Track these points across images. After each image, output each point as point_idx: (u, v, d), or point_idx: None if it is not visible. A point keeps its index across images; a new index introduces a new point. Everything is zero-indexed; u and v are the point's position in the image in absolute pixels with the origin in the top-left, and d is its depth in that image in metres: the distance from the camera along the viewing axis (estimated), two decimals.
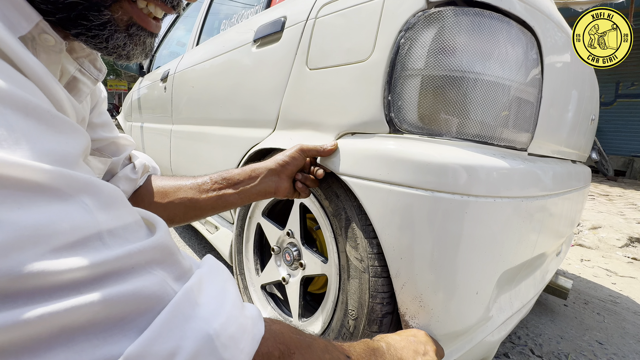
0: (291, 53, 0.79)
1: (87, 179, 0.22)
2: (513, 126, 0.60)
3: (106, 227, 0.22)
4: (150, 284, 0.22)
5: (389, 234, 0.55)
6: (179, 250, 0.27)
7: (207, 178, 0.55)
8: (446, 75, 0.54)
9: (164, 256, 0.24)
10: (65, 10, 0.28)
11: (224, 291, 0.27)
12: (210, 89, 1.21)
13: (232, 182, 0.55)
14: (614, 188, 4.44)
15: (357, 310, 0.62)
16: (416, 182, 0.52)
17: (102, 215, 0.22)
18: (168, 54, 2.15)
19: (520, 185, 0.57)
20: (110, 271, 0.20)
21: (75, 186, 0.21)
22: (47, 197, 0.19)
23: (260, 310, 0.30)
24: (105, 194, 0.23)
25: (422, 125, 0.57)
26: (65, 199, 0.20)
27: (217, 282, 0.28)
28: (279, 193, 0.58)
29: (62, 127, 0.23)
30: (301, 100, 0.76)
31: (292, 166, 0.58)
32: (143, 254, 0.23)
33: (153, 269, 0.23)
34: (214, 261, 0.31)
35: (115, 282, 0.20)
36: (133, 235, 0.24)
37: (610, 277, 1.74)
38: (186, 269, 0.26)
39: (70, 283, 0.19)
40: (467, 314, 0.56)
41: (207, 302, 0.25)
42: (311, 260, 0.76)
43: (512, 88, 0.57)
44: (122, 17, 0.31)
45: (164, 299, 0.22)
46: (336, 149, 0.59)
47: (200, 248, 1.59)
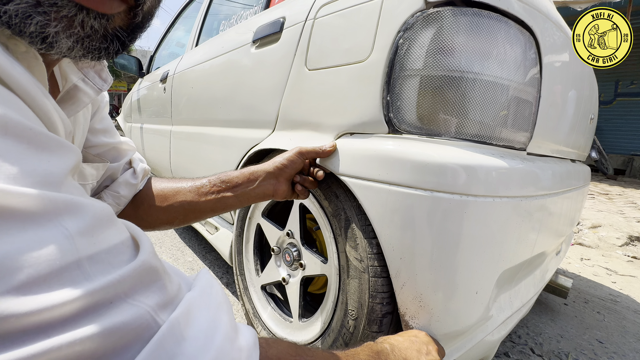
0: (290, 53, 0.79)
1: (69, 200, 0.20)
2: (512, 126, 0.60)
3: (86, 253, 0.20)
4: (131, 318, 0.20)
5: (389, 234, 0.55)
6: (165, 271, 0.24)
7: (206, 180, 0.55)
8: (445, 76, 0.54)
9: (148, 282, 0.22)
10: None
11: (214, 320, 0.25)
12: (209, 89, 1.21)
13: (231, 185, 0.55)
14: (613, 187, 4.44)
15: (357, 310, 0.62)
16: (415, 182, 0.52)
17: (83, 240, 0.20)
18: (167, 54, 2.16)
19: (519, 184, 0.57)
20: (86, 307, 0.18)
21: (55, 209, 0.19)
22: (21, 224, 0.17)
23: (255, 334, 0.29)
24: (89, 214, 0.21)
25: (421, 126, 0.57)
26: (42, 224, 0.18)
27: (208, 309, 0.25)
28: (277, 195, 0.59)
29: (45, 145, 0.21)
30: (300, 101, 0.76)
31: (290, 169, 0.58)
32: (124, 283, 0.20)
33: (135, 299, 0.21)
34: (207, 281, 0.28)
35: (91, 319, 0.18)
36: (117, 259, 0.22)
37: (610, 275, 1.74)
38: (173, 295, 0.24)
39: (38, 325, 0.16)
40: (467, 314, 0.56)
41: (195, 335, 0.23)
42: (311, 260, 0.76)
43: (511, 88, 0.57)
44: None
45: (145, 335, 0.20)
46: (335, 150, 0.60)
47: (201, 249, 1.59)
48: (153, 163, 1.96)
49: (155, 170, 1.99)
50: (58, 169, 0.21)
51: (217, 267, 1.40)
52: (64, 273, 0.18)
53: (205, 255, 1.52)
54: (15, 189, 0.18)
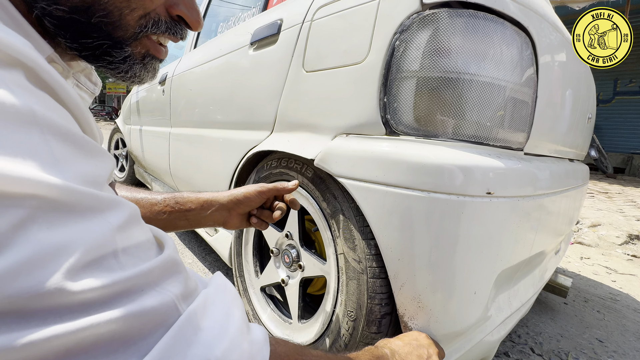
0: (288, 55, 0.80)
1: (112, 199, 0.23)
2: (509, 126, 0.60)
3: (122, 246, 0.22)
4: (159, 304, 0.22)
5: (387, 235, 0.55)
6: (185, 268, 0.27)
7: (161, 198, 0.56)
8: (441, 77, 0.54)
9: (174, 272, 0.25)
10: (92, 50, 0.31)
11: (228, 314, 0.27)
12: (208, 91, 1.21)
13: (184, 208, 0.56)
14: (613, 185, 4.44)
15: (355, 311, 0.62)
16: (412, 183, 0.52)
17: (121, 235, 0.23)
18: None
19: (517, 184, 0.58)
20: (120, 291, 0.21)
21: (101, 205, 0.22)
22: (75, 217, 0.20)
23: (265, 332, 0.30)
24: (127, 212, 0.24)
25: (418, 127, 0.57)
26: (90, 218, 0.21)
27: (223, 303, 0.27)
28: (228, 226, 0.60)
29: (94, 152, 0.24)
30: (298, 103, 0.77)
31: (245, 205, 0.59)
32: (153, 273, 0.23)
33: (163, 287, 0.23)
34: (221, 280, 0.31)
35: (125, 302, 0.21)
36: (145, 254, 0.24)
37: (610, 274, 1.74)
38: (192, 288, 0.26)
39: (81, 304, 0.19)
40: (466, 314, 0.56)
41: (211, 326, 0.24)
42: (310, 261, 0.76)
43: (507, 88, 0.57)
44: (140, 50, 0.34)
45: (168, 320, 0.23)
46: (296, 188, 0.60)
47: (200, 250, 1.59)
48: (152, 165, 1.96)
49: (154, 172, 1.99)
50: (103, 171, 0.25)
51: (217, 268, 1.40)
52: (103, 261, 0.21)
53: (204, 257, 1.52)
54: (73, 187, 0.20)
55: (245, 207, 0.59)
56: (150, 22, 0.32)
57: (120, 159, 2.84)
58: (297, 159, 0.75)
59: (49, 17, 0.28)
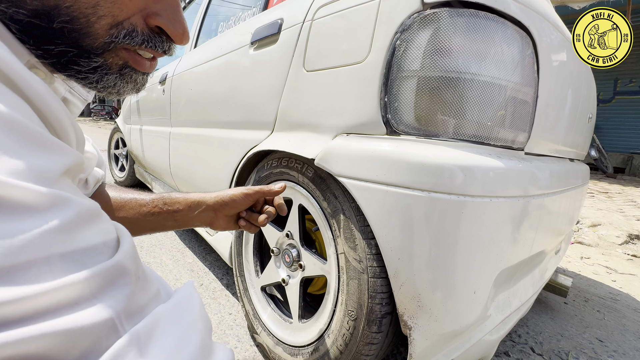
0: (288, 55, 0.80)
1: (57, 195, 0.20)
2: (509, 126, 0.60)
3: (60, 251, 0.19)
4: (90, 323, 0.18)
5: (387, 235, 0.55)
6: (142, 277, 0.23)
7: (150, 199, 0.55)
8: (442, 76, 0.54)
9: (117, 285, 0.21)
10: (56, 57, 0.29)
11: (183, 340, 0.23)
12: (208, 91, 1.21)
13: (172, 209, 0.55)
14: (613, 185, 4.44)
15: (356, 310, 0.62)
16: (413, 183, 0.52)
17: (60, 237, 0.19)
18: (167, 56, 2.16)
19: (517, 184, 0.58)
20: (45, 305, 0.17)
21: (42, 203, 0.19)
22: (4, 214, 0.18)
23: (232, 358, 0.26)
24: (74, 212, 0.21)
25: (419, 126, 0.57)
26: (23, 216, 0.18)
27: (179, 325, 0.23)
28: (214, 227, 0.59)
29: (47, 144, 0.22)
30: (299, 102, 0.77)
31: (231, 207, 0.58)
32: (91, 283, 0.19)
33: (101, 301, 0.20)
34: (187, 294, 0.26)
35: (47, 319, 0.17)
36: (93, 259, 0.21)
37: (610, 274, 1.74)
38: (140, 304, 0.22)
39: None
40: (465, 313, 0.56)
41: (155, 354, 0.20)
42: (310, 261, 0.76)
43: (508, 88, 0.57)
44: (117, 61, 0.32)
45: (101, 344, 0.19)
46: (283, 191, 0.59)
47: (201, 250, 1.59)
48: (153, 165, 1.96)
49: (155, 172, 2.00)
50: (56, 166, 0.22)
51: (217, 268, 1.40)
52: (31, 268, 0.18)
53: (205, 256, 1.52)
54: (10, 181, 0.18)
55: (231, 209, 0.58)
56: (122, 33, 0.30)
57: (120, 158, 2.84)
58: (298, 159, 0.75)
59: (10, 21, 0.26)
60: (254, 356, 0.88)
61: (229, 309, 1.09)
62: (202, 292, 1.18)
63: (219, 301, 1.14)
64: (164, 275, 1.30)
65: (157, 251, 1.54)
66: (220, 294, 1.19)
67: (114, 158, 2.92)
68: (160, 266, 1.38)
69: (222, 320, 1.02)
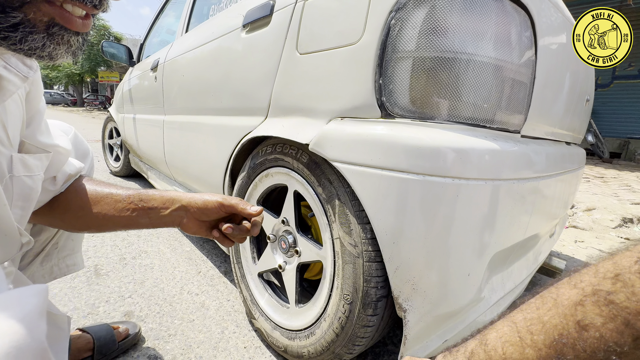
0: (281, 37, 0.77)
1: None
2: (506, 108, 0.59)
3: None
4: None
5: (381, 219, 0.55)
6: None
7: (126, 195, 0.54)
8: (438, 57, 0.53)
9: None
10: None
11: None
12: (201, 77, 1.18)
13: (147, 206, 0.54)
14: (609, 170, 4.47)
15: (352, 294, 0.63)
16: (408, 167, 0.52)
17: None
18: (158, 42, 2.10)
19: (513, 167, 0.57)
20: None
21: None
22: None
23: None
24: None
25: (414, 109, 0.56)
26: None
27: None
28: (185, 229, 0.56)
29: None
30: (292, 86, 0.75)
31: (202, 213, 0.54)
32: None
33: None
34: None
35: None
36: None
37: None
38: None
39: None
40: (459, 295, 0.57)
41: None
42: (306, 247, 0.76)
43: (505, 69, 0.56)
44: (40, 17, 0.29)
45: None
46: (258, 215, 0.54)
47: (198, 238, 1.59)
48: (147, 154, 1.94)
49: (150, 161, 1.98)
50: None
51: (215, 256, 1.41)
52: None
53: (202, 244, 1.52)
54: None
55: (203, 216, 0.54)
56: None
57: (115, 148, 2.80)
58: (292, 144, 0.74)
59: None
60: (252, 341, 0.89)
61: (227, 296, 1.10)
62: (201, 280, 1.19)
63: (217, 288, 1.15)
64: (161, 263, 1.30)
65: (155, 240, 1.55)
66: (219, 281, 1.20)
67: (109, 148, 2.89)
68: (158, 255, 1.38)
69: (221, 307, 1.03)
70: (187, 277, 1.21)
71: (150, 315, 0.97)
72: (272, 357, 0.84)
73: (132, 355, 0.81)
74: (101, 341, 0.74)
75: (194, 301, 1.06)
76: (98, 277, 1.16)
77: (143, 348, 0.83)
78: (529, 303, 0.31)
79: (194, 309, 1.01)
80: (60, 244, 0.69)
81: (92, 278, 1.16)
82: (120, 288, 1.10)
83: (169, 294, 1.09)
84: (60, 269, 0.69)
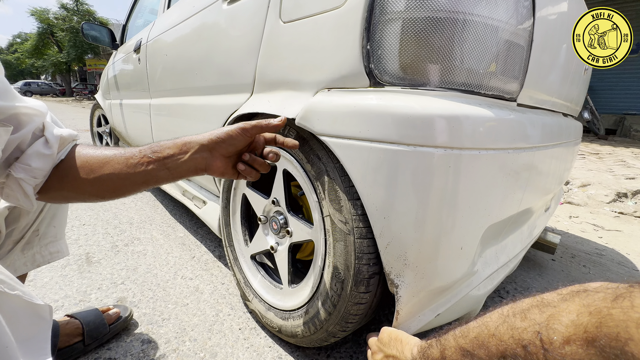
0: (263, 6, 0.72)
1: None
2: (502, 73, 0.56)
3: None
4: None
5: (371, 194, 0.53)
6: None
7: (137, 151, 0.50)
8: (429, 17, 0.49)
9: None
10: None
11: None
12: (183, 55, 1.13)
13: (162, 155, 0.50)
14: (604, 146, 4.47)
15: (343, 272, 0.61)
16: (398, 137, 0.49)
17: None
18: (142, 23, 2.00)
19: (508, 137, 0.55)
20: None
21: None
22: None
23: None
24: None
25: (404, 76, 0.52)
26: None
27: None
28: (211, 171, 0.52)
29: None
30: (277, 58, 0.71)
31: (228, 145, 0.51)
32: None
33: None
34: None
35: None
36: None
37: (597, 231, 1.78)
38: None
39: None
40: (452, 269, 0.55)
41: None
42: (297, 226, 0.74)
43: (501, 30, 0.52)
44: None
45: None
46: (284, 124, 0.53)
47: (192, 224, 1.58)
48: (136, 140, 1.89)
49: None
50: None
51: (209, 241, 1.40)
52: None
53: (196, 230, 1.51)
54: None
55: (229, 147, 0.52)
56: None
57: (104, 136, 2.74)
58: None
59: None
60: (247, 322, 0.89)
61: (221, 279, 1.10)
62: (195, 264, 1.18)
63: (212, 272, 1.14)
64: (154, 250, 1.29)
65: (147, 227, 1.53)
66: (213, 265, 1.19)
67: (98, 136, 2.82)
68: (151, 241, 1.37)
69: (215, 290, 1.03)
70: (181, 262, 1.20)
71: (144, 300, 0.96)
72: (267, 337, 0.84)
73: (125, 340, 0.80)
74: (90, 325, 0.73)
75: (188, 285, 1.05)
76: (90, 265, 1.15)
77: (136, 333, 0.83)
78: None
79: (188, 293, 1.01)
80: (41, 231, 0.66)
81: (84, 266, 1.14)
82: (112, 275, 1.09)
83: (163, 279, 1.08)
84: (43, 256, 0.67)
